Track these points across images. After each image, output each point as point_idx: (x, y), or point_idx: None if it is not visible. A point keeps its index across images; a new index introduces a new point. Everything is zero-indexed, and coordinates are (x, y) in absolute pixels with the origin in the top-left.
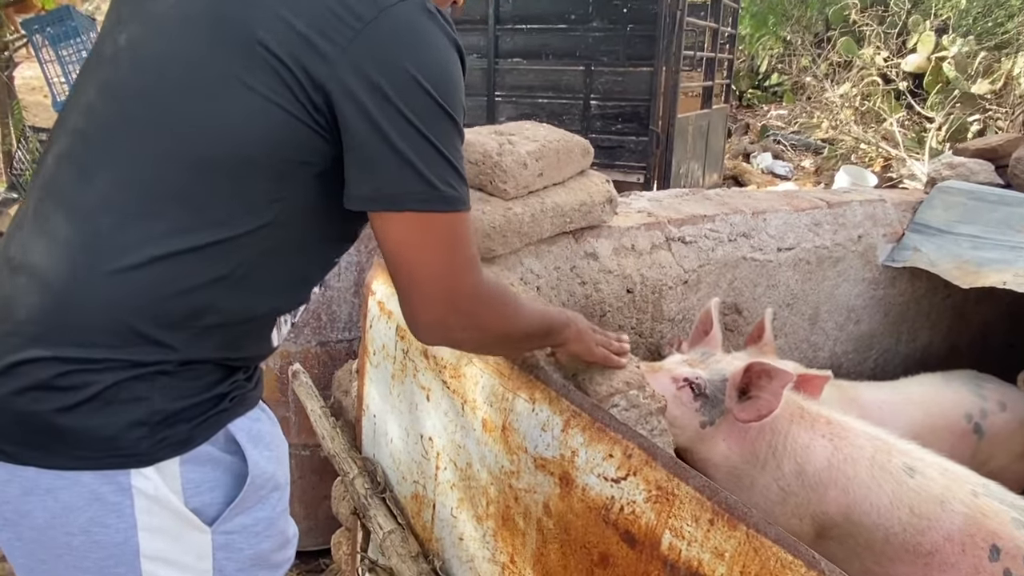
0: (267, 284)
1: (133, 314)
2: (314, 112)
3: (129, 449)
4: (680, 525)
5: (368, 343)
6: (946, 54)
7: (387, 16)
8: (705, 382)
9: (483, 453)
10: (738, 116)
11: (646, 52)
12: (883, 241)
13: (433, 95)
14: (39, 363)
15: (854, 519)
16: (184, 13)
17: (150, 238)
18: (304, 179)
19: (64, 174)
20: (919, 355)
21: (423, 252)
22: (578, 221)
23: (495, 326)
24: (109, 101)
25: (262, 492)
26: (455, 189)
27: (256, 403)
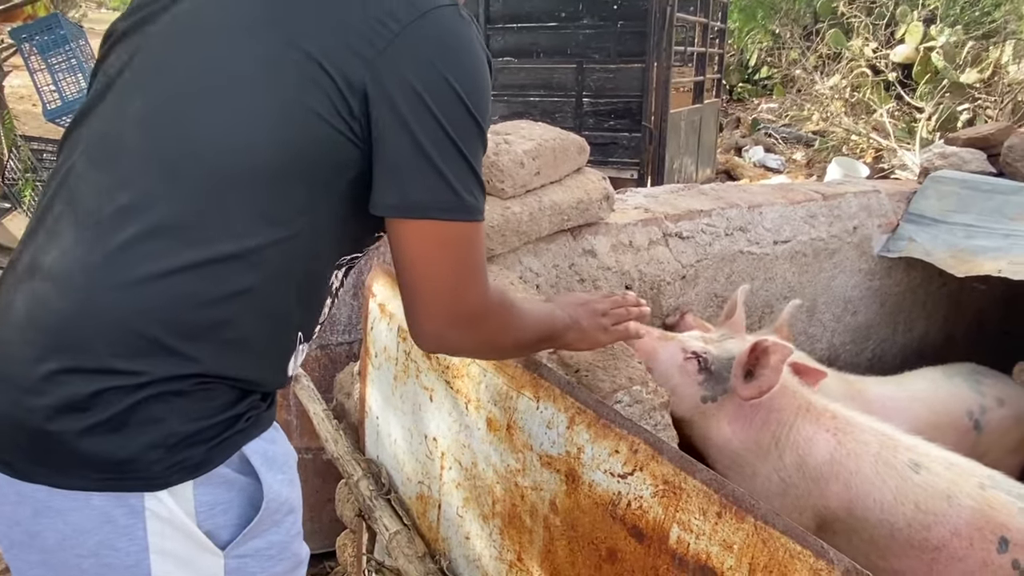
0: (288, 297)
1: (155, 324)
2: (350, 119)
3: (144, 472)
4: (688, 519)
5: (370, 345)
6: (934, 44)
7: (426, 20)
8: (712, 358)
9: (488, 452)
10: (729, 110)
11: (637, 48)
12: (878, 232)
13: (467, 104)
14: (60, 376)
15: (857, 514)
16: (217, 18)
17: (173, 249)
18: (333, 189)
19: (84, 183)
20: (916, 345)
21: (437, 259)
22: (576, 219)
23: (496, 337)
24: (134, 109)
25: (277, 516)
26: (476, 199)
27: (271, 424)
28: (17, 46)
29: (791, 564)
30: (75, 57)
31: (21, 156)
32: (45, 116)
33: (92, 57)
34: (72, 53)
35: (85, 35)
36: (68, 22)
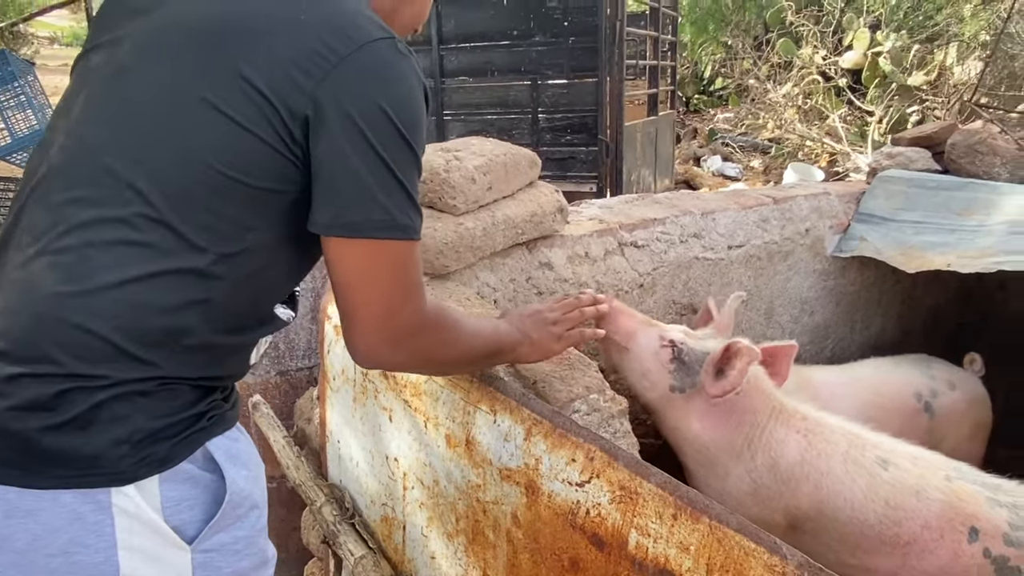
0: (242, 305)
1: (114, 331)
2: (291, 144)
3: (110, 467)
4: (645, 523)
5: (327, 368)
6: (881, 49)
7: (362, 52)
8: (687, 349)
9: (449, 469)
10: (686, 121)
11: (589, 63)
12: (830, 233)
13: (400, 129)
14: (25, 380)
15: (827, 513)
16: (169, 46)
17: (129, 260)
18: (277, 207)
19: (44, 199)
20: (874, 341)
21: (371, 277)
22: (530, 232)
23: (433, 352)
24: (90, 128)
25: (240, 510)
26: (411, 219)
27: (234, 423)
28: None
29: (746, 562)
30: (24, 94)
31: None
32: None
33: (42, 93)
34: (21, 90)
35: (34, 71)
36: (16, 59)
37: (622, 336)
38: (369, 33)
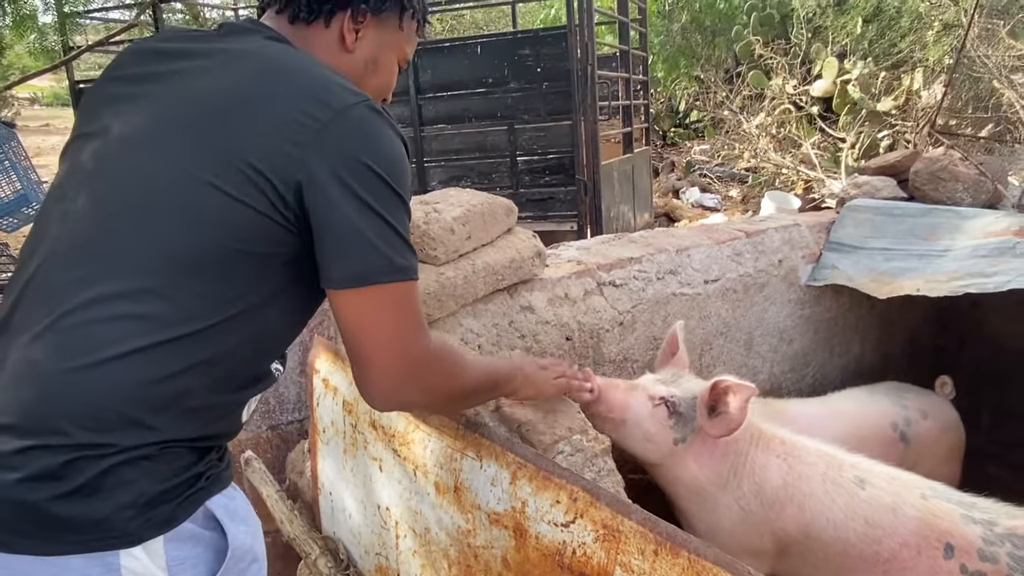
0: (241, 365)
1: (119, 401)
2: (283, 209)
3: (118, 530)
4: (628, 560)
5: (317, 421)
6: (849, 77)
7: (342, 116)
8: (679, 400)
9: (439, 516)
10: (663, 154)
11: (563, 106)
12: (803, 263)
13: (385, 179)
14: (35, 452)
15: (812, 535)
16: (165, 128)
17: (132, 333)
18: (272, 268)
19: (46, 278)
20: (853, 367)
21: (380, 319)
22: (510, 277)
23: (444, 386)
24: (91, 207)
25: (242, 564)
26: (408, 260)
27: (229, 482)
28: None
29: None
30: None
31: None
32: None
33: (25, 157)
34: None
35: (17, 136)
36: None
37: (617, 410)
38: (344, 99)
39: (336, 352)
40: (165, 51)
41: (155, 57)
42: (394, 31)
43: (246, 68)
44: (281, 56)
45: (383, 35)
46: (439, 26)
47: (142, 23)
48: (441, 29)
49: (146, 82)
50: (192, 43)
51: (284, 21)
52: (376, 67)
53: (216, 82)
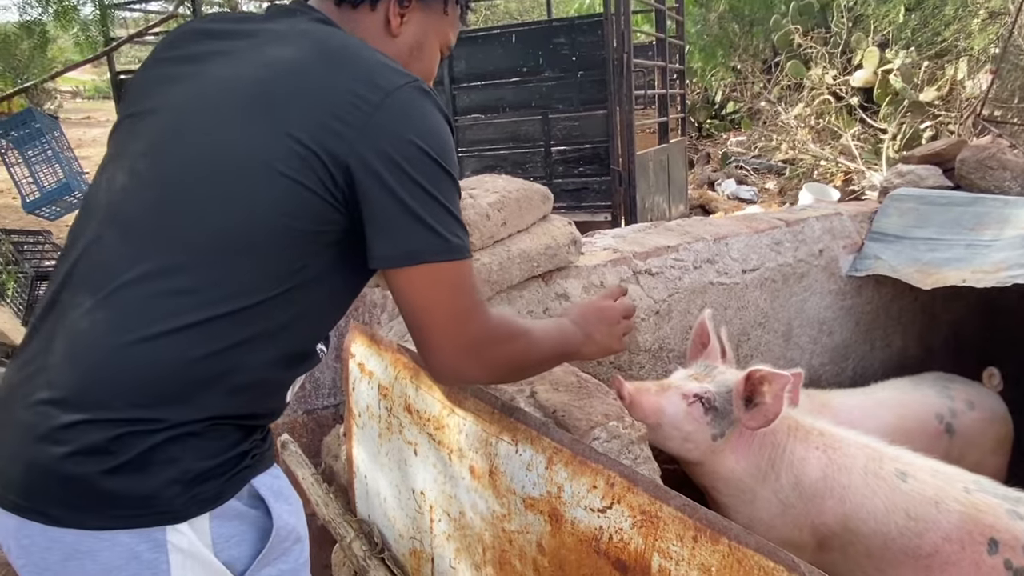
0: (287, 342)
1: (169, 377)
2: (333, 188)
3: (165, 506)
4: (667, 546)
5: (352, 405)
6: (891, 67)
7: (391, 98)
8: (714, 395)
9: (474, 500)
10: (699, 146)
11: (599, 96)
12: (844, 253)
13: (438, 160)
14: (84, 426)
15: (851, 527)
16: (215, 107)
17: (181, 309)
18: (320, 248)
19: (97, 256)
20: (895, 359)
21: (436, 298)
22: (545, 264)
23: (506, 360)
24: (141, 185)
25: (286, 544)
26: (460, 239)
27: (272, 462)
28: None
29: None
30: (51, 148)
31: (2, 250)
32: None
33: (68, 147)
34: (48, 145)
35: (60, 126)
36: (42, 115)
37: (651, 415)
38: (394, 80)
39: (372, 336)
40: (214, 32)
41: (204, 37)
42: (439, 16)
43: (296, 49)
44: (330, 37)
45: (428, 20)
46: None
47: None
48: (475, 20)
49: (195, 62)
50: (240, 24)
51: (330, 4)
52: (420, 52)
53: (265, 62)
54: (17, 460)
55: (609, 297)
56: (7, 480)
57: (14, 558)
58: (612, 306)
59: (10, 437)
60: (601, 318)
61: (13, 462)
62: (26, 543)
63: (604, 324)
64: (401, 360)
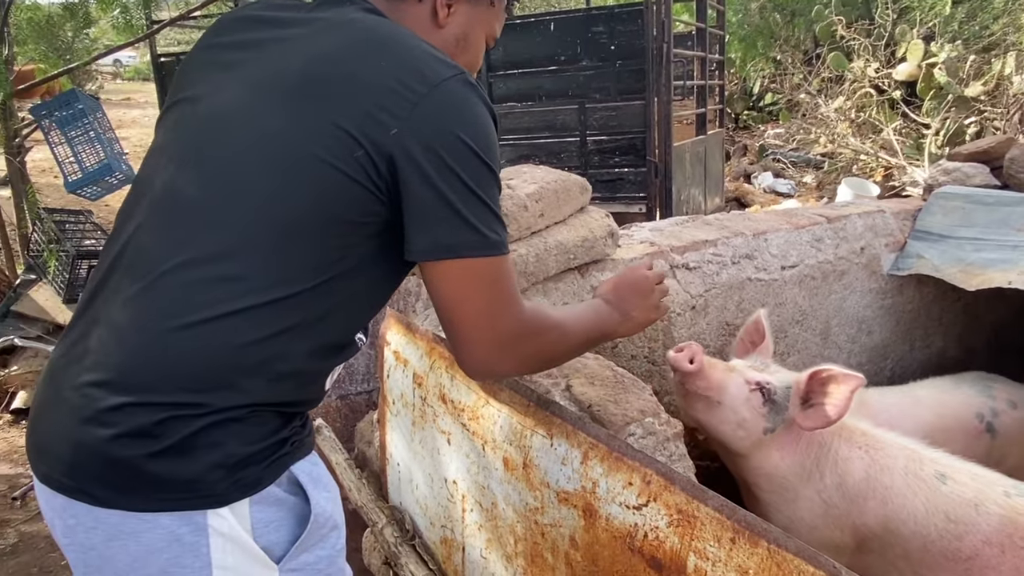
0: (328, 332)
1: (214, 362)
2: (376, 178)
3: (207, 490)
4: (703, 547)
5: (387, 393)
6: (936, 60)
7: (437, 91)
8: (775, 387)
9: (507, 492)
10: (736, 138)
11: (637, 86)
12: (886, 251)
13: (480, 155)
14: (129, 409)
15: (892, 528)
16: (264, 94)
17: (227, 296)
18: (362, 239)
19: (144, 241)
20: (935, 360)
21: (470, 293)
22: (582, 257)
23: (540, 354)
24: (189, 171)
25: (323, 531)
26: (499, 235)
27: (311, 449)
28: (37, 122)
29: None
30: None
31: (45, 228)
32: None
33: (109, 128)
34: (90, 126)
35: (102, 107)
36: (85, 96)
37: (715, 390)
38: (440, 72)
39: (408, 325)
40: (263, 19)
41: (253, 24)
42: (485, 8)
43: (344, 38)
44: (379, 27)
45: (474, 11)
46: None
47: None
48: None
49: (245, 49)
50: (289, 12)
51: None
52: (466, 44)
53: (315, 50)
54: (64, 440)
55: (642, 267)
56: (54, 460)
57: (59, 536)
58: (644, 275)
59: (57, 417)
60: (636, 291)
61: (60, 442)
62: (71, 522)
63: (639, 296)
64: (437, 349)
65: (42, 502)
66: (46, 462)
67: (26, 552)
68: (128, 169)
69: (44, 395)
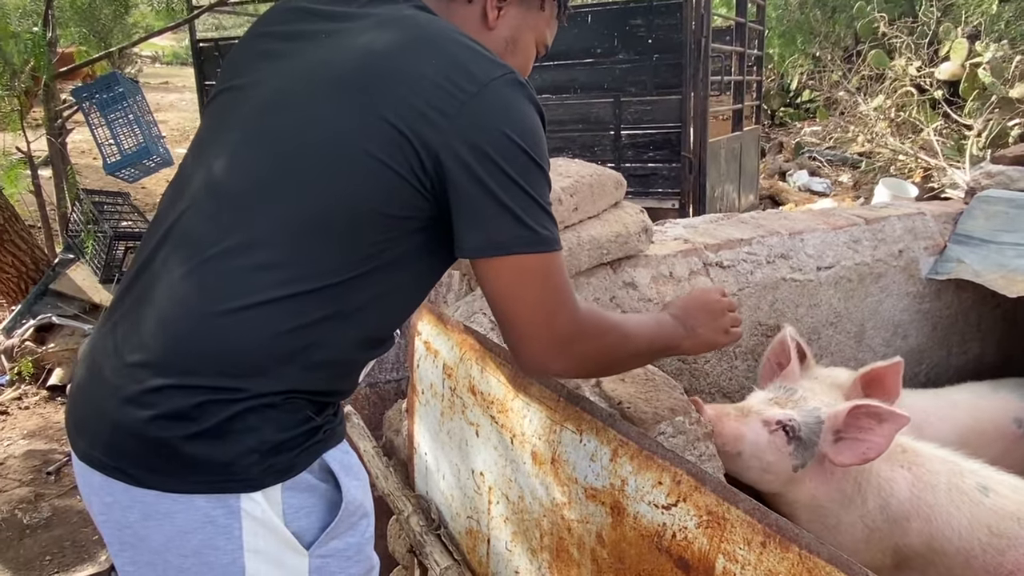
0: (366, 324)
1: (254, 348)
2: (422, 175)
3: (241, 474)
4: (733, 549)
5: (416, 382)
6: (980, 60)
7: (487, 90)
8: (799, 424)
9: (534, 486)
10: (771, 135)
11: (673, 80)
12: (925, 254)
13: (529, 152)
14: (169, 391)
15: (936, 546)
16: (315, 86)
17: (268, 283)
18: (403, 234)
19: (190, 225)
20: (971, 367)
21: (523, 290)
22: (615, 252)
23: (596, 355)
24: (236, 159)
25: (353, 519)
26: (550, 231)
27: (343, 438)
28: (79, 105)
29: None
30: (132, 112)
31: (83, 209)
32: (105, 169)
33: (148, 112)
34: (129, 109)
35: (141, 91)
36: (125, 79)
37: (730, 442)
38: (490, 72)
39: (439, 316)
40: (316, 11)
41: (306, 16)
42: (535, 13)
43: (397, 34)
44: (431, 25)
45: (525, 15)
46: None
47: None
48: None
49: (297, 40)
50: (341, 6)
51: None
52: (515, 48)
53: (367, 45)
54: (104, 419)
55: (715, 291)
56: (94, 438)
57: (96, 513)
58: (717, 299)
59: (98, 396)
60: (706, 310)
61: (100, 421)
62: (108, 500)
63: (708, 316)
64: (467, 341)
65: (80, 479)
66: (86, 440)
67: (59, 526)
68: (165, 152)
69: (85, 373)
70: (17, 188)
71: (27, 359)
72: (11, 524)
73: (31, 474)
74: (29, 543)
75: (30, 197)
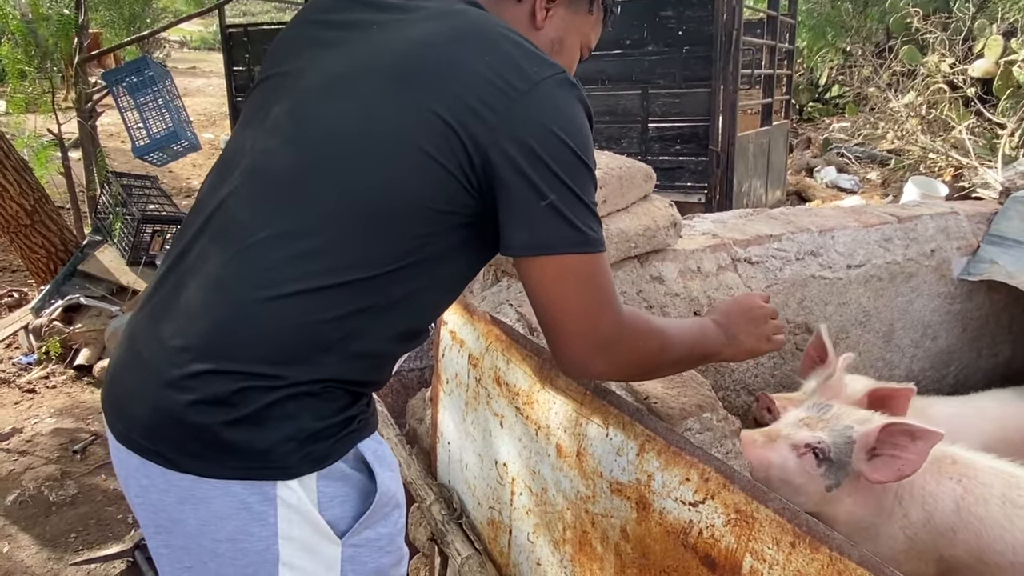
0: (404, 316)
1: (293, 336)
2: (468, 170)
3: (279, 462)
4: (761, 548)
5: (441, 372)
6: (1016, 57)
7: (537, 89)
8: (828, 446)
9: (558, 479)
10: (799, 130)
11: (703, 73)
12: (957, 255)
13: (577, 152)
14: (209, 376)
15: (987, 559)
16: (364, 77)
17: (312, 272)
18: (447, 228)
19: (233, 210)
20: (1002, 370)
21: (567, 291)
22: (643, 246)
23: (638, 360)
24: (281, 146)
25: (386, 509)
26: (596, 232)
27: (376, 428)
28: (109, 88)
29: None
30: (161, 97)
31: (112, 191)
32: (134, 153)
33: (177, 96)
34: (159, 93)
35: (170, 75)
36: (155, 64)
37: (758, 469)
38: (541, 71)
39: (465, 306)
40: (367, 1)
41: (356, 6)
42: (583, 15)
43: (449, 28)
44: (483, 21)
45: (572, 17)
46: None
47: None
48: None
49: (347, 29)
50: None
51: None
52: (561, 48)
53: (418, 37)
54: (143, 402)
55: (757, 297)
56: (132, 421)
57: (132, 496)
58: (760, 305)
59: (137, 379)
60: (748, 317)
61: (139, 404)
62: (145, 483)
63: (751, 323)
64: (494, 332)
65: (116, 461)
66: (124, 422)
67: (85, 504)
68: (193, 137)
69: (124, 355)
70: (48, 170)
71: (55, 339)
72: (38, 501)
73: (58, 452)
74: (55, 520)
75: (60, 179)
